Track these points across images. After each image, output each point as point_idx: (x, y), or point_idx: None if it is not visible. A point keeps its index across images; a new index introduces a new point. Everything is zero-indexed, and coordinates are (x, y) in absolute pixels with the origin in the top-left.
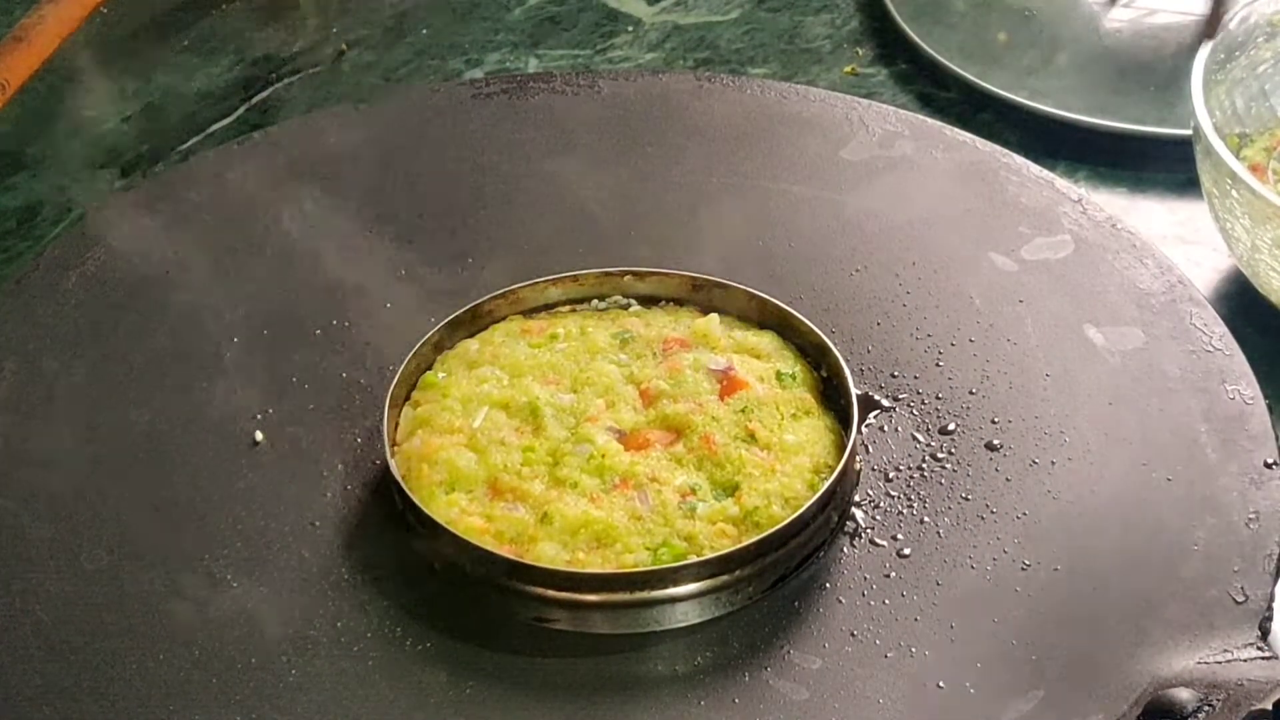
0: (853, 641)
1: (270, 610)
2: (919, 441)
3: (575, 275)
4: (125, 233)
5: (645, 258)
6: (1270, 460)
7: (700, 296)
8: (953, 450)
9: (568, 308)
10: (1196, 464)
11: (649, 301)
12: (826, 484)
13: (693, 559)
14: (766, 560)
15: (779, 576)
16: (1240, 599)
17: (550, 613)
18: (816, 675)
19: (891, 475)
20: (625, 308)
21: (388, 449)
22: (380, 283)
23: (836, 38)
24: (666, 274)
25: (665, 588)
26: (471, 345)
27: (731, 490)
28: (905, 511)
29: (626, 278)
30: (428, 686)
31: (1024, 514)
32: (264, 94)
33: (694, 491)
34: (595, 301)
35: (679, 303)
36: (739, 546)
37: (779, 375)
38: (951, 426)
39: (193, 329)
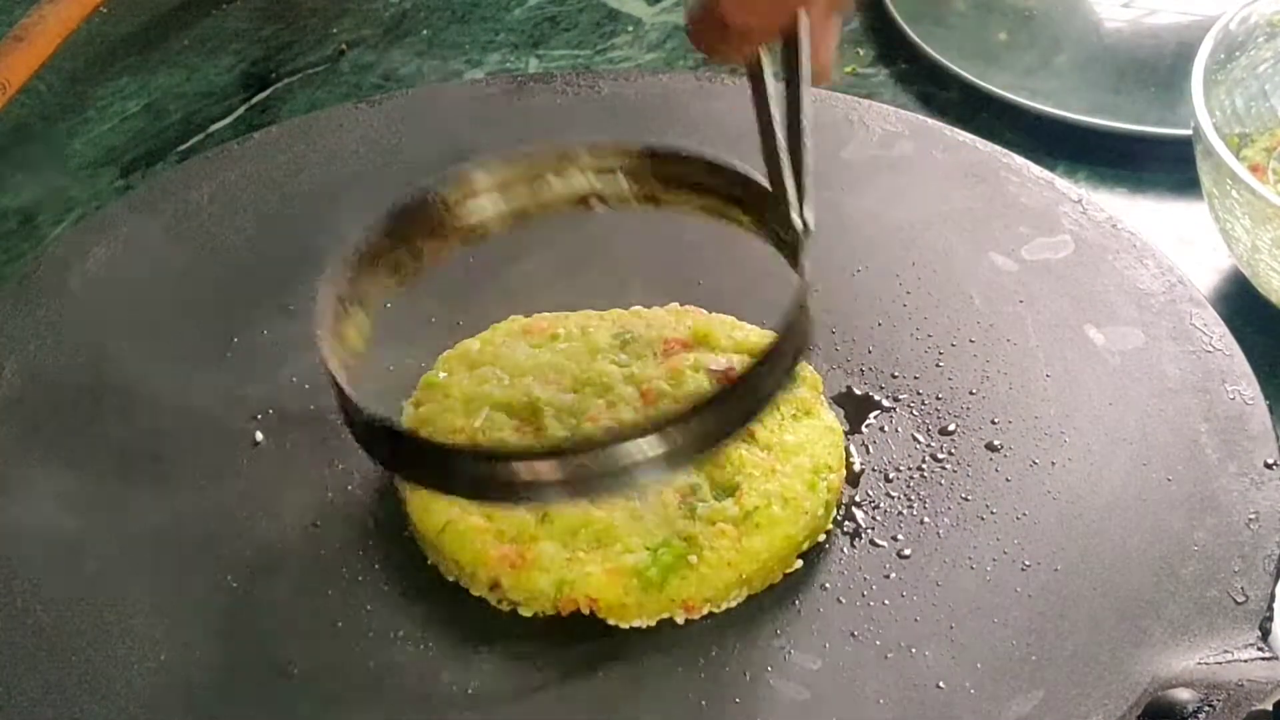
0: (853, 642)
1: (270, 610)
2: (919, 442)
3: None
4: (125, 233)
5: (645, 257)
6: (1270, 460)
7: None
8: (953, 451)
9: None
10: (1196, 464)
11: (606, 173)
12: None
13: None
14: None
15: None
16: (1240, 599)
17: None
18: (816, 675)
19: (891, 476)
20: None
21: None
22: None
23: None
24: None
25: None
26: (473, 345)
27: (731, 490)
28: (905, 512)
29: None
30: (428, 687)
31: (1024, 514)
32: (264, 94)
33: (694, 491)
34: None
35: (635, 177)
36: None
37: None
38: (952, 427)
39: (193, 329)
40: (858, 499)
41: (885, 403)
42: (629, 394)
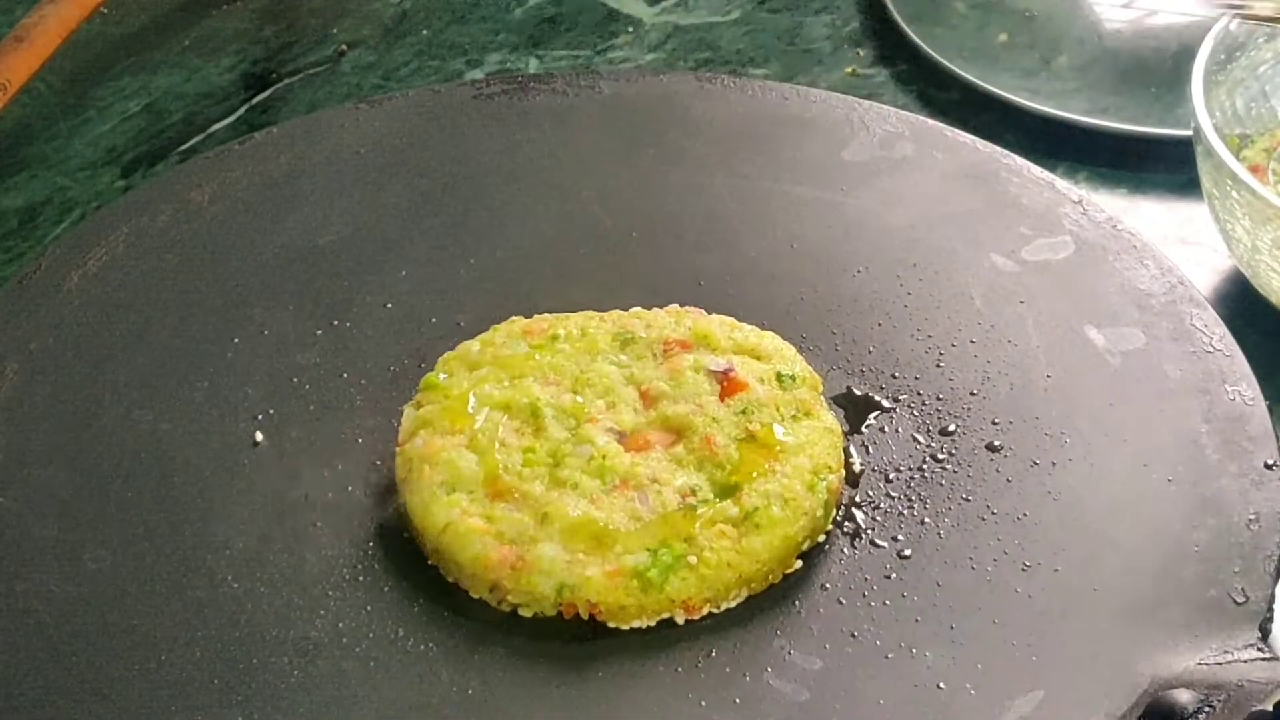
0: (853, 642)
1: (270, 610)
2: (919, 442)
3: None
4: (125, 233)
5: (645, 258)
6: (1270, 461)
7: None
8: (953, 451)
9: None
10: (1197, 465)
11: None
12: None
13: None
14: None
15: None
16: (1240, 600)
17: None
18: (817, 676)
19: (892, 476)
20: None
21: None
22: (380, 283)
23: (837, 39)
24: None
25: None
26: (473, 346)
27: (731, 491)
28: (906, 512)
29: None
30: (428, 687)
31: (1024, 515)
32: (264, 94)
33: (694, 492)
34: None
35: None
36: None
37: (779, 376)
38: (952, 427)
39: (193, 329)
40: (858, 499)
41: (885, 403)
42: (629, 395)
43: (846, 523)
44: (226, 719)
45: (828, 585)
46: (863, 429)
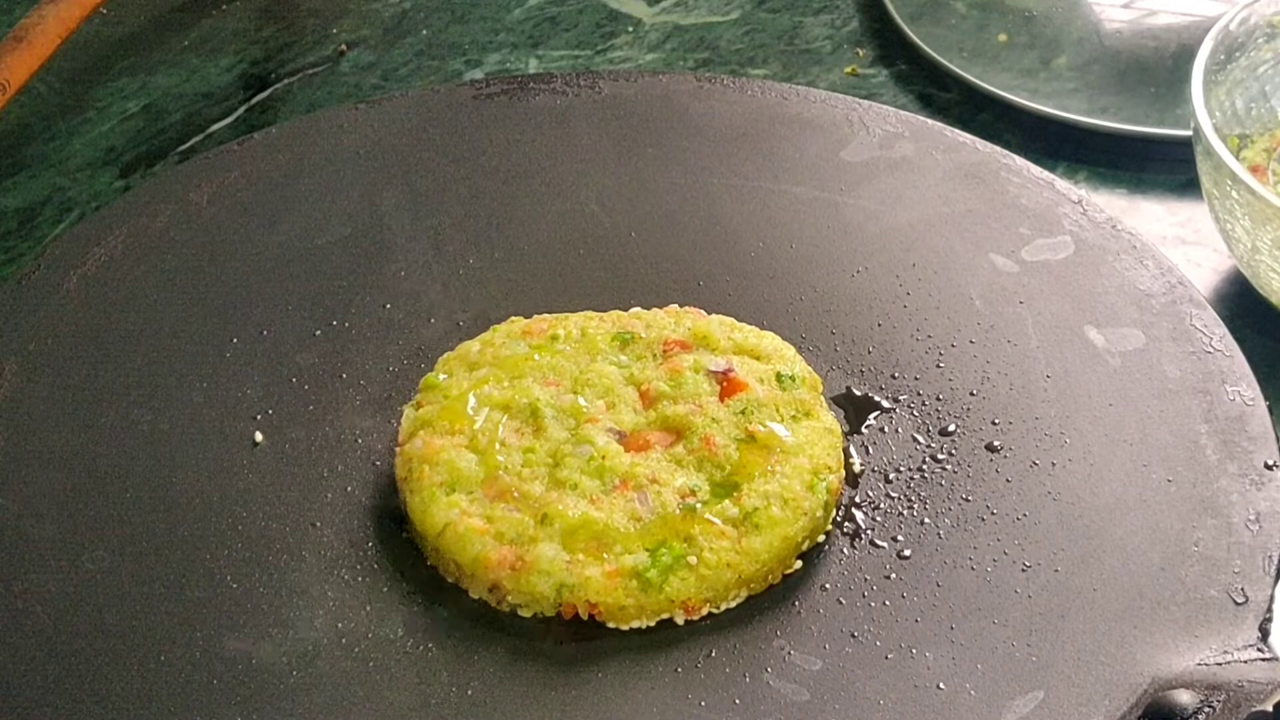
0: (853, 643)
1: (270, 611)
2: (919, 443)
3: None
4: (124, 233)
5: (645, 258)
6: (1270, 461)
7: None
8: (953, 451)
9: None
10: (1197, 465)
11: None
12: None
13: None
14: None
15: None
16: (1240, 600)
17: None
18: (817, 676)
19: (892, 476)
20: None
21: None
22: (379, 283)
23: (837, 39)
24: None
25: None
26: (472, 346)
27: (731, 491)
28: (905, 513)
29: None
30: (428, 687)
31: (1024, 515)
32: (264, 94)
33: (693, 493)
34: None
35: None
36: None
37: (779, 377)
38: (952, 428)
39: (193, 329)
40: (857, 500)
41: (885, 403)
42: (629, 395)
43: (846, 523)
44: (226, 719)
45: (828, 585)
46: (863, 429)
